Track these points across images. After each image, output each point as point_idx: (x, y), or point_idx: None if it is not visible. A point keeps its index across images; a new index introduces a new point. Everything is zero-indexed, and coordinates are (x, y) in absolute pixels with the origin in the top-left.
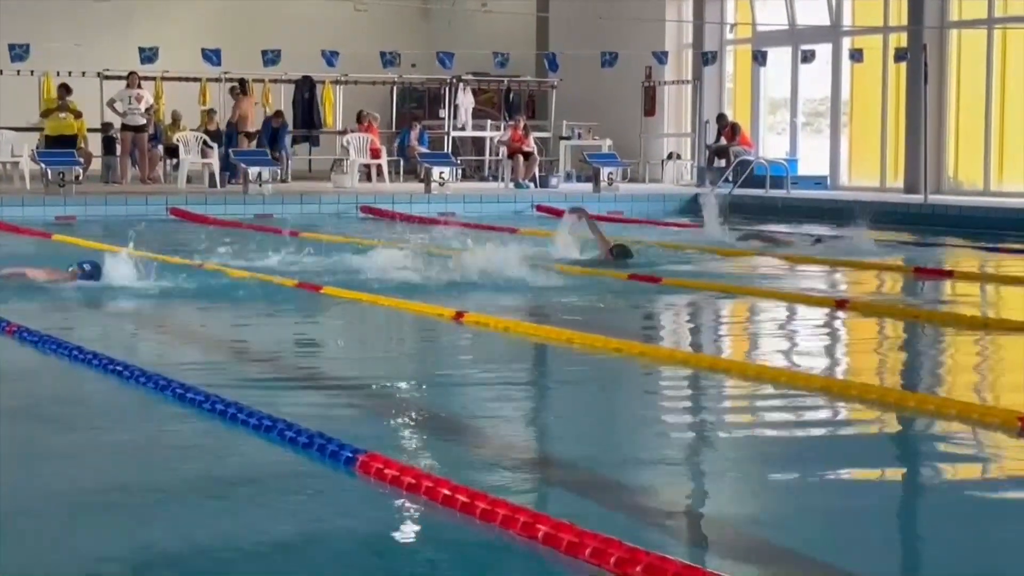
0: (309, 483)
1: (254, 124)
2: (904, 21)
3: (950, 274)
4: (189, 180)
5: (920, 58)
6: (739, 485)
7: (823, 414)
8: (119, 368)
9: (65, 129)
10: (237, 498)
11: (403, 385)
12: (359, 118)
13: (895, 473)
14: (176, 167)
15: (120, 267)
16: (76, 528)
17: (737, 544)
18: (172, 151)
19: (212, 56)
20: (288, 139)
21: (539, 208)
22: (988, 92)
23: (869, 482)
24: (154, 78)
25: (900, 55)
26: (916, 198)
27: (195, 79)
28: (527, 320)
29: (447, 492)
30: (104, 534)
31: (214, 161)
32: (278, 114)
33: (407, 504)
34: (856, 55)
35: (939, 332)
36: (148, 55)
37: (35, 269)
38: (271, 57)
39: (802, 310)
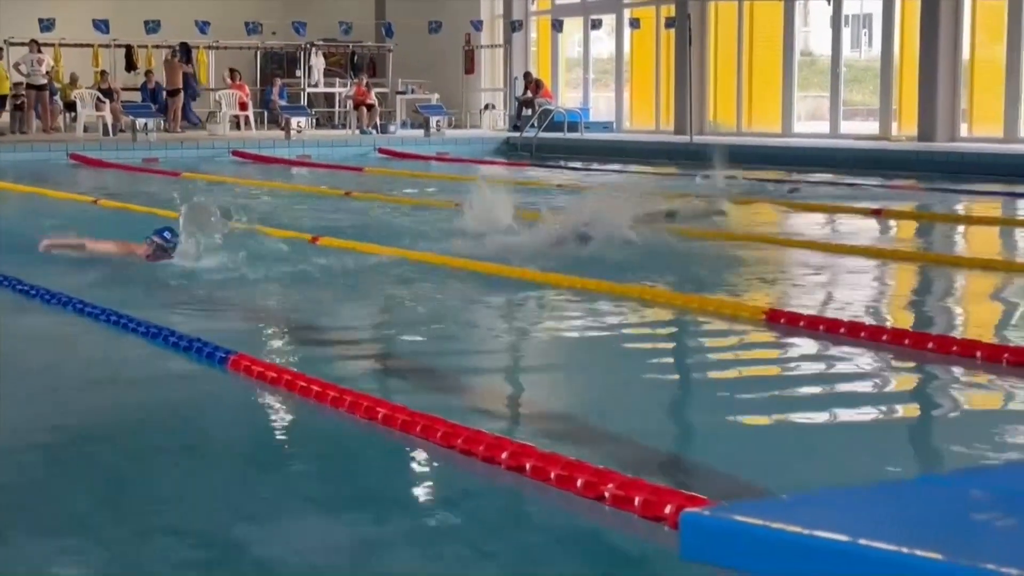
0: (189, 380)
1: (176, 84)
2: None
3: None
4: (85, 130)
5: (685, 25)
6: (545, 373)
7: (614, 314)
8: (25, 288)
9: None
10: (129, 395)
11: (269, 298)
12: (231, 76)
13: (664, 359)
14: (74, 119)
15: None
16: None
17: (539, 420)
18: (70, 106)
19: (101, 25)
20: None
21: (380, 151)
22: (739, 52)
23: (643, 366)
24: (52, 44)
25: (669, 23)
26: (683, 138)
27: (88, 45)
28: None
29: (303, 384)
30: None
31: (107, 114)
32: (148, 74)
33: (271, 395)
34: (634, 23)
35: (704, 245)
36: (46, 24)
37: (100, 241)
38: (152, 26)
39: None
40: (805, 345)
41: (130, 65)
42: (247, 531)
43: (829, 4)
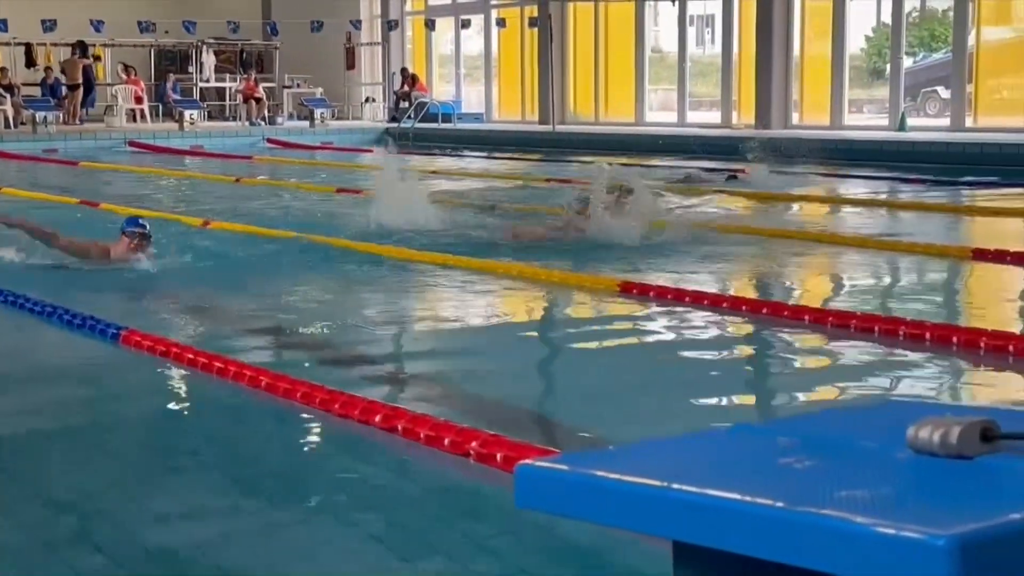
0: (84, 354)
1: (76, 79)
2: None
3: (569, 181)
4: None
5: (547, 25)
6: (418, 343)
7: (489, 285)
8: None
9: None
10: (23, 370)
11: (160, 278)
12: (126, 72)
13: (529, 327)
14: None
15: None
16: None
17: (413, 385)
18: None
19: (0, 24)
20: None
21: (269, 141)
22: (596, 49)
23: (509, 333)
24: None
25: (532, 22)
26: (547, 128)
27: None
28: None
29: (191, 356)
30: None
31: (8, 108)
32: (47, 70)
33: (161, 366)
34: (501, 23)
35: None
36: None
37: (77, 239)
38: (49, 25)
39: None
40: (654, 312)
41: (29, 62)
42: (139, 492)
43: (675, 5)
